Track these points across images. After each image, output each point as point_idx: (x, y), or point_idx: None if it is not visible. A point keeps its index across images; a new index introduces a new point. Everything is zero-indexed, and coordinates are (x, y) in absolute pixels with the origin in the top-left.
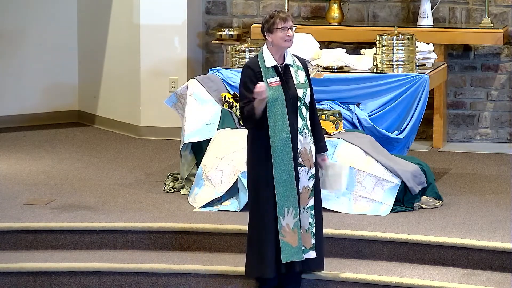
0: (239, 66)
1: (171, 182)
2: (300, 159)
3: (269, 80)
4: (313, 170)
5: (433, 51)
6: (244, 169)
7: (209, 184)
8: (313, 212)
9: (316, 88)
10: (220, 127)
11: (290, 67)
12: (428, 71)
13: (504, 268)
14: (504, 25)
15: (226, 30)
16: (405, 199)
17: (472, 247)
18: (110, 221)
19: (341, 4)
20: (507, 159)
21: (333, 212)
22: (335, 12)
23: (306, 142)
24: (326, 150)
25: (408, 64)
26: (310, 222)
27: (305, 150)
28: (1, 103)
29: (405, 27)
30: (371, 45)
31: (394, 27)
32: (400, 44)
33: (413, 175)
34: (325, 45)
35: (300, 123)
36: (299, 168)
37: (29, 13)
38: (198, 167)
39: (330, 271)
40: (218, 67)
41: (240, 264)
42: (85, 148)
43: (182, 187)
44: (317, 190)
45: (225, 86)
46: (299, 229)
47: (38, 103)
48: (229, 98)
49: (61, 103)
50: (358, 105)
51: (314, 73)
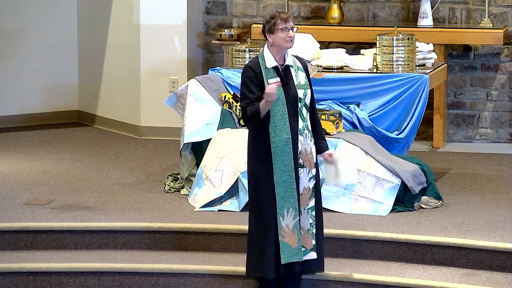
0: (239, 66)
1: (171, 182)
2: (301, 160)
3: (270, 81)
4: (314, 171)
5: (433, 51)
6: (244, 169)
7: (209, 184)
8: (314, 213)
9: (316, 88)
10: (220, 127)
11: (291, 68)
12: (428, 71)
13: (504, 268)
14: (504, 25)
15: (226, 30)
16: (405, 199)
17: (472, 247)
18: (110, 221)
19: (341, 4)
20: (507, 159)
21: (333, 212)
22: (335, 12)
23: (307, 143)
24: (328, 149)
25: (408, 64)
26: (311, 223)
27: (306, 151)
28: (1, 103)
29: (405, 27)
30: (371, 45)
31: (394, 27)
32: (400, 44)
33: (413, 175)
34: (325, 45)
35: (301, 124)
36: (300, 169)
37: (29, 13)
38: (198, 167)
39: (330, 271)
40: (218, 67)
41: (240, 264)
42: (85, 148)
43: (182, 187)
44: (318, 191)
45: (225, 86)
46: (299, 230)
47: (38, 103)
48: (229, 98)
49: (61, 103)
50: (358, 105)
51: (314, 73)
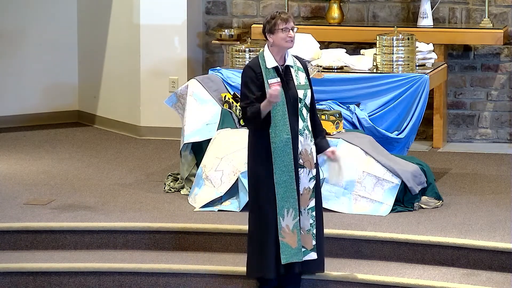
0: (239, 66)
1: (171, 182)
2: (301, 160)
3: (270, 81)
4: (314, 171)
5: (433, 51)
6: (244, 169)
7: (209, 184)
8: (314, 213)
9: (316, 88)
10: (220, 127)
11: (291, 68)
12: (428, 71)
13: (504, 268)
14: (504, 25)
15: (226, 30)
16: (405, 199)
17: (472, 247)
18: (110, 221)
19: (341, 4)
20: (507, 159)
21: (333, 212)
22: (335, 12)
23: (307, 143)
24: (330, 147)
25: (408, 64)
26: (311, 223)
27: (306, 151)
28: (1, 103)
29: (405, 27)
30: (371, 45)
31: (394, 27)
32: (400, 44)
33: (413, 175)
34: (325, 45)
35: (301, 124)
36: (300, 169)
37: (29, 13)
38: (198, 167)
39: (330, 271)
40: (218, 67)
41: (240, 264)
42: (85, 148)
43: (182, 187)
44: (318, 192)
45: (225, 86)
46: (299, 230)
47: (38, 103)
48: (229, 98)
49: (61, 103)
50: (358, 105)
51: (314, 73)
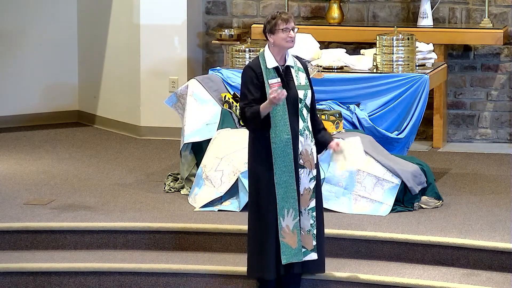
0: (239, 66)
1: (171, 182)
2: (301, 161)
3: (270, 81)
4: (314, 172)
5: (433, 51)
6: (244, 169)
7: (209, 184)
8: (314, 214)
9: (316, 88)
10: (220, 127)
11: (291, 69)
12: (428, 71)
13: (504, 268)
14: (504, 25)
15: (226, 30)
16: (405, 199)
17: (472, 247)
18: (110, 221)
19: (341, 4)
20: (507, 159)
21: (333, 212)
22: (335, 12)
23: (307, 144)
24: (333, 139)
25: (408, 64)
26: (311, 224)
27: (306, 152)
28: (1, 103)
29: (405, 27)
30: (371, 45)
31: (394, 27)
32: (400, 44)
33: (413, 175)
34: (325, 45)
35: (301, 125)
36: (300, 170)
37: (29, 13)
38: (198, 167)
39: (330, 271)
40: (218, 67)
41: (240, 264)
42: (85, 148)
43: (182, 187)
44: (318, 192)
45: (225, 86)
46: (299, 231)
47: (38, 103)
48: (229, 98)
49: (61, 103)
50: (358, 105)
51: (314, 73)
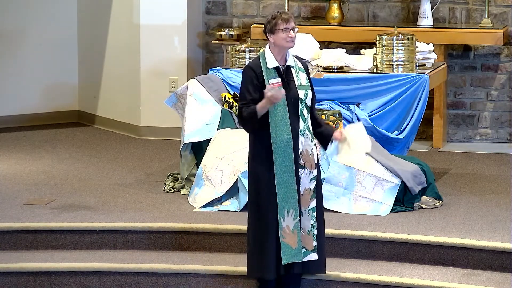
0: (239, 66)
1: (171, 182)
2: (302, 161)
3: (271, 81)
4: (315, 172)
5: (433, 51)
6: (244, 169)
7: (209, 184)
8: (315, 214)
9: (316, 88)
10: (220, 127)
11: (292, 69)
12: (428, 71)
13: (504, 268)
14: (504, 25)
15: (226, 30)
16: (405, 199)
17: (472, 247)
18: (110, 221)
19: (341, 4)
20: (507, 159)
21: (333, 212)
22: (335, 12)
23: (308, 144)
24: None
25: (408, 64)
26: (312, 224)
27: (307, 152)
28: (1, 103)
29: (405, 27)
30: (371, 45)
31: (394, 27)
32: (400, 44)
33: (413, 175)
34: (325, 45)
35: (302, 125)
36: (300, 170)
37: (29, 13)
38: (198, 167)
39: (330, 271)
40: (218, 67)
41: (240, 264)
42: (85, 148)
43: (182, 187)
44: (319, 192)
45: (225, 86)
46: (299, 231)
47: (38, 103)
48: (229, 98)
49: (61, 103)
50: (358, 105)
51: (314, 73)
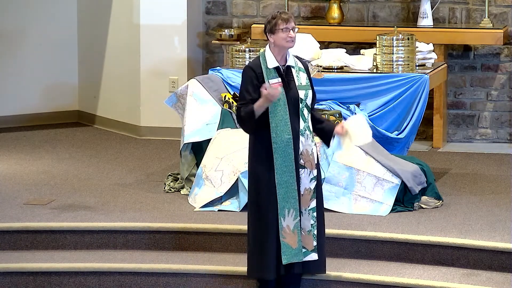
0: (239, 66)
1: (171, 182)
2: (302, 161)
3: (271, 81)
4: (315, 172)
5: (433, 51)
6: (244, 169)
7: (209, 184)
8: (315, 214)
9: (316, 88)
10: (220, 127)
11: (292, 69)
12: (428, 71)
13: (504, 268)
14: (504, 25)
15: (226, 30)
16: (405, 199)
17: (472, 247)
18: (110, 221)
19: (341, 4)
20: (507, 159)
21: (333, 212)
22: (335, 12)
23: (308, 144)
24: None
25: (408, 64)
26: (312, 224)
27: (307, 152)
28: (1, 103)
29: (405, 27)
30: (371, 45)
31: (394, 27)
32: (400, 44)
33: (413, 175)
34: (325, 45)
35: (302, 125)
36: (301, 170)
37: (29, 13)
38: (198, 167)
39: (330, 271)
40: (218, 67)
41: (240, 264)
42: (85, 148)
43: (182, 187)
44: (319, 192)
45: (225, 86)
46: (299, 231)
47: (38, 103)
48: (229, 98)
49: (61, 103)
50: (358, 105)
51: (314, 73)
